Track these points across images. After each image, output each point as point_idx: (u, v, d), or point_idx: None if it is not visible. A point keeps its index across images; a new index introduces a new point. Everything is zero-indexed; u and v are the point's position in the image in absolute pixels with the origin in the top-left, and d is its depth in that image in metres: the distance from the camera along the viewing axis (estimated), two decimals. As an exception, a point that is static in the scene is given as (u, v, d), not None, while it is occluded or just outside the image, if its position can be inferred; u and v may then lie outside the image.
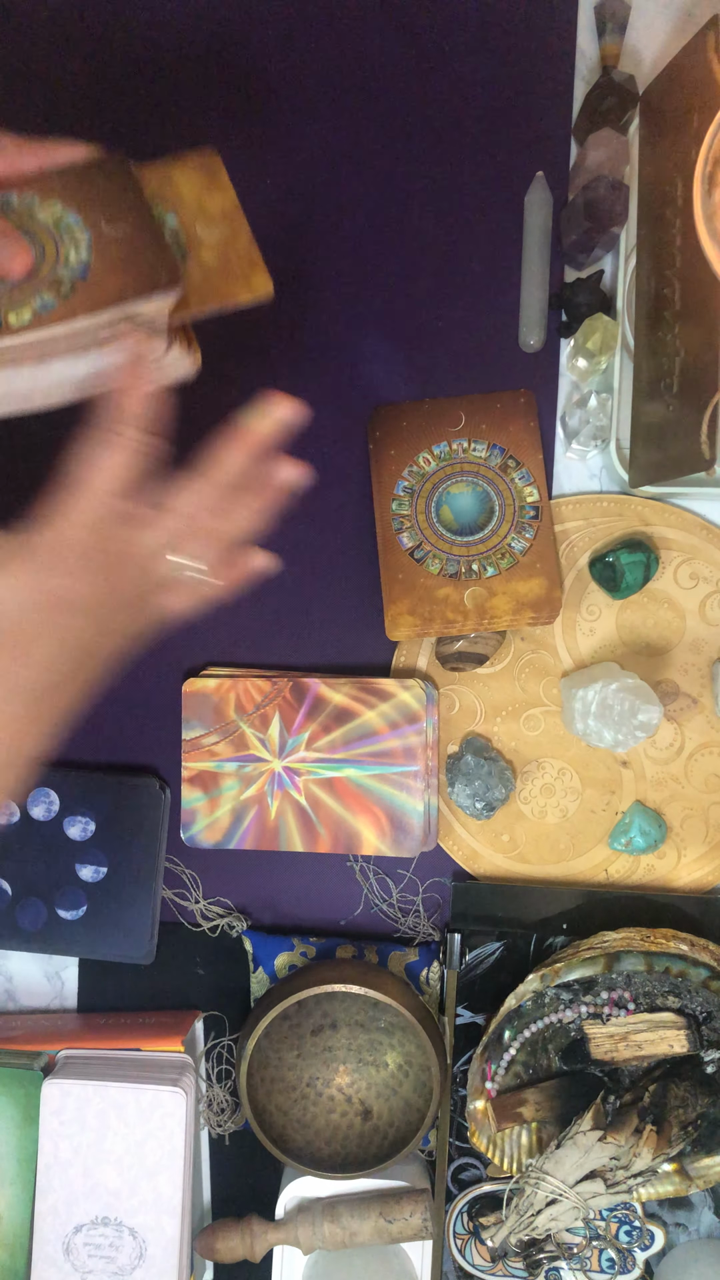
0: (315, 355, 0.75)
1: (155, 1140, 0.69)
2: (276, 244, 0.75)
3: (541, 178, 0.74)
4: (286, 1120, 0.72)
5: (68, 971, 0.77)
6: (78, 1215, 0.69)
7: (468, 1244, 0.72)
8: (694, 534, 0.73)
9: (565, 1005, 0.70)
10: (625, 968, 0.69)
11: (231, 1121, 0.74)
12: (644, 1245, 0.72)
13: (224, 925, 0.75)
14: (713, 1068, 0.69)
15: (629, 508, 0.73)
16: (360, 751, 0.72)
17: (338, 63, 0.74)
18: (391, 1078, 0.73)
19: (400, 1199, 0.70)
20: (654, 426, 0.68)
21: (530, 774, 0.74)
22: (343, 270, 0.75)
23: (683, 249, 0.65)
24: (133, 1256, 0.69)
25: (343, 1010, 0.73)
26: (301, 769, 0.73)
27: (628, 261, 0.72)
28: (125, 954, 0.74)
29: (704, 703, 0.74)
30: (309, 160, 0.75)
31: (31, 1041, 0.72)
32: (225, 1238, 0.70)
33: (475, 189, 0.74)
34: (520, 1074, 0.71)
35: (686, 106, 0.65)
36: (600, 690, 0.69)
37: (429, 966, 0.74)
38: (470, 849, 0.75)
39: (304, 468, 0.55)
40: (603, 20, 0.72)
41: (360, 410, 0.75)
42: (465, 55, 0.74)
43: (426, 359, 0.75)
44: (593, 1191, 0.68)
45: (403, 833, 0.72)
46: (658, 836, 0.73)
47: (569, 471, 0.75)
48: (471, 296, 0.75)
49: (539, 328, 0.74)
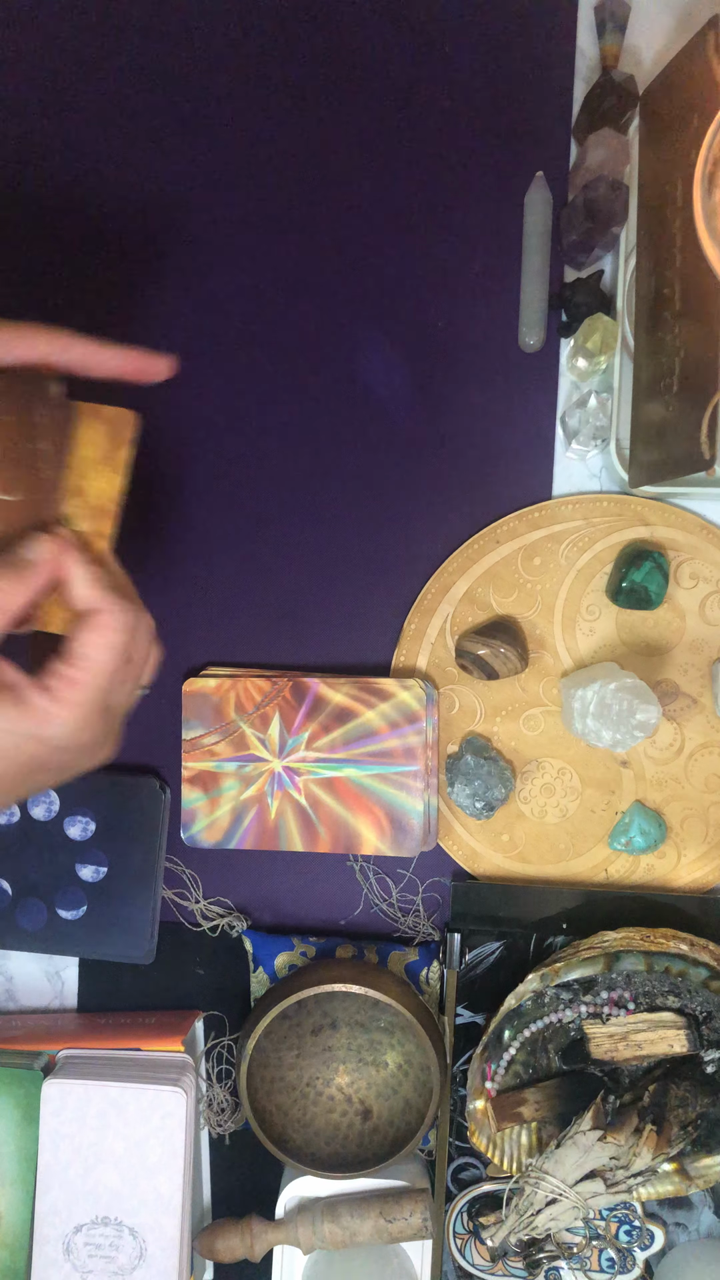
0: (315, 355, 0.75)
1: (155, 1140, 0.69)
2: (275, 243, 0.75)
3: (541, 178, 0.74)
4: (286, 1120, 0.72)
5: (68, 971, 0.77)
6: (78, 1215, 0.69)
7: (468, 1244, 0.72)
8: (694, 534, 0.73)
9: (565, 1005, 0.70)
10: (625, 967, 0.69)
11: (231, 1121, 0.74)
12: (644, 1245, 0.72)
13: (224, 925, 0.75)
14: (713, 1068, 0.69)
15: (629, 508, 0.73)
16: (360, 751, 0.72)
17: (337, 61, 0.74)
18: (391, 1077, 0.73)
19: (400, 1199, 0.70)
20: (654, 426, 0.68)
21: (530, 774, 0.74)
22: (342, 270, 0.75)
23: (683, 249, 0.65)
24: (133, 1256, 0.69)
25: (343, 1010, 0.73)
26: (301, 769, 0.73)
27: (628, 261, 0.72)
28: (125, 954, 0.74)
29: (704, 703, 0.74)
30: (308, 159, 0.75)
31: (31, 1041, 0.72)
32: (225, 1238, 0.70)
33: (475, 189, 0.74)
34: (520, 1074, 0.71)
35: (686, 106, 0.65)
36: (599, 690, 0.69)
37: (429, 966, 0.74)
38: (470, 849, 0.75)
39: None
40: (603, 20, 0.72)
41: (360, 410, 0.75)
42: (465, 55, 0.74)
43: (426, 359, 0.75)
44: (593, 1191, 0.68)
45: (402, 833, 0.72)
46: (658, 836, 0.73)
47: (569, 471, 0.75)
48: (471, 296, 0.75)
49: (539, 328, 0.74)
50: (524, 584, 0.74)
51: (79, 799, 0.74)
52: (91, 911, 0.74)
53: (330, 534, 0.75)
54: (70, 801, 0.74)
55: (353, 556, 0.75)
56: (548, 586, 0.74)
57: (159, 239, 0.75)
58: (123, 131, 0.75)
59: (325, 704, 0.73)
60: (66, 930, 0.74)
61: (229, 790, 0.74)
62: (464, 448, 0.75)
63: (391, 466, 0.75)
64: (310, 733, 0.73)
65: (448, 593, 0.74)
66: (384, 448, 0.75)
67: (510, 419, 0.75)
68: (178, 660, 0.76)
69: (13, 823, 0.75)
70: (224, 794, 0.74)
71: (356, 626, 0.75)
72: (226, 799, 0.74)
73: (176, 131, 0.75)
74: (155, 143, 0.75)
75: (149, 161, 0.75)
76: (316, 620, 0.76)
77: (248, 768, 0.73)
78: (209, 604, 0.76)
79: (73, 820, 0.74)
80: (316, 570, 0.75)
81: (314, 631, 0.76)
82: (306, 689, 0.73)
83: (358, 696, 0.72)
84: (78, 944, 0.75)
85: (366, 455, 0.75)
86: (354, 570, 0.75)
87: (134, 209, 0.75)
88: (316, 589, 0.75)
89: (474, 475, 0.75)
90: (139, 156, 0.75)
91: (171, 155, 0.75)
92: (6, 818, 0.75)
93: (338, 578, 0.75)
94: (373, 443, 0.75)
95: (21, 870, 0.74)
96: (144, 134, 0.75)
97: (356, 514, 0.75)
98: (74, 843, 0.74)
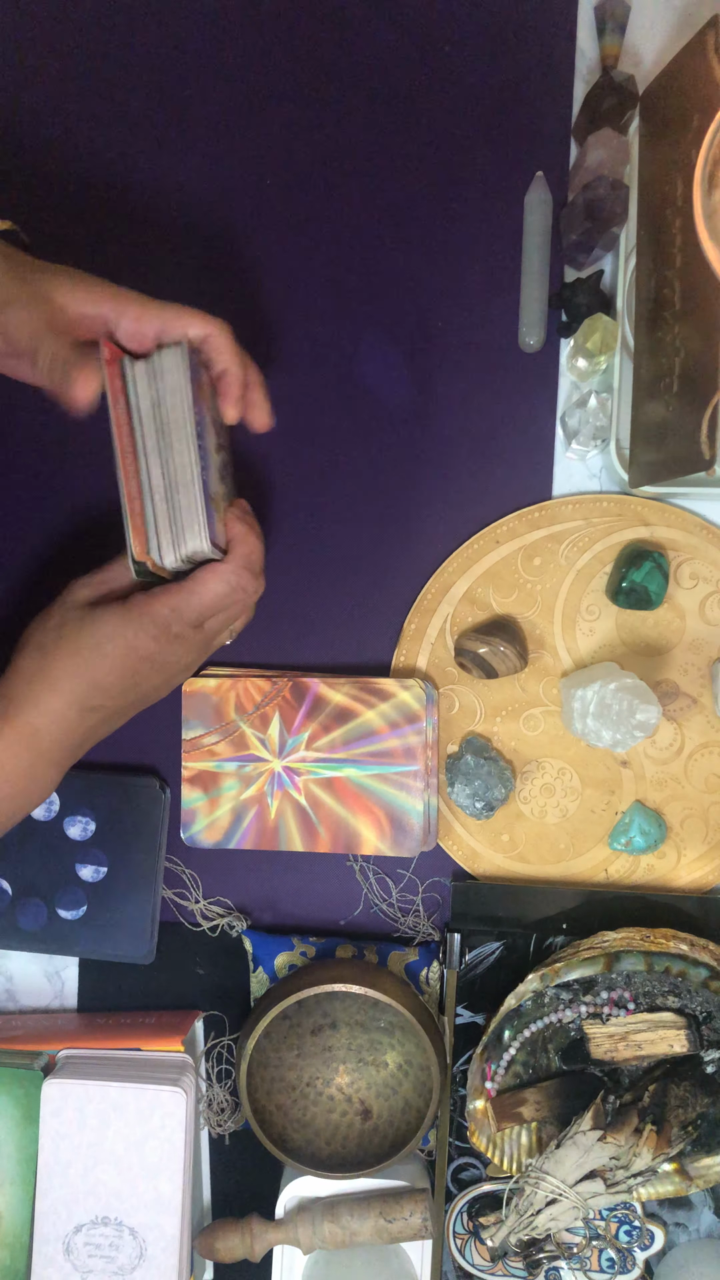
0: (315, 355, 0.75)
1: (155, 1140, 0.69)
2: (275, 243, 0.75)
3: (541, 178, 0.74)
4: (286, 1120, 0.72)
5: (68, 971, 0.77)
6: (78, 1215, 0.69)
7: (468, 1244, 0.72)
8: (694, 534, 0.73)
9: (565, 1005, 0.70)
10: (625, 968, 0.69)
11: (231, 1121, 0.74)
12: (644, 1245, 0.72)
13: (224, 925, 0.75)
14: (713, 1068, 0.69)
15: (629, 508, 0.73)
16: (360, 751, 0.72)
17: (337, 61, 0.74)
18: (391, 1078, 0.73)
19: (400, 1199, 0.70)
20: (654, 426, 0.68)
21: (530, 774, 0.74)
22: (342, 270, 0.75)
23: (683, 249, 0.65)
24: (133, 1256, 0.69)
25: (343, 1010, 0.73)
26: (301, 769, 0.73)
27: (628, 261, 0.72)
28: (125, 954, 0.74)
29: (704, 703, 0.74)
30: (308, 159, 0.75)
31: (31, 1041, 0.72)
32: (225, 1238, 0.70)
33: (475, 189, 0.74)
34: (520, 1074, 0.71)
35: (686, 106, 0.65)
36: (599, 690, 0.69)
37: (429, 966, 0.74)
38: (470, 849, 0.75)
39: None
40: (603, 20, 0.72)
41: (360, 410, 0.75)
42: (465, 55, 0.74)
43: (426, 359, 0.75)
44: (593, 1191, 0.68)
45: (402, 833, 0.72)
46: (658, 836, 0.73)
47: (569, 471, 0.75)
48: (471, 296, 0.75)
49: (539, 328, 0.74)
50: (524, 584, 0.74)
51: (79, 799, 0.74)
52: (91, 911, 0.74)
53: (330, 534, 0.75)
54: (70, 801, 0.74)
55: (353, 556, 0.75)
56: (548, 586, 0.74)
57: (159, 239, 0.75)
58: (123, 132, 0.75)
59: (325, 704, 0.73)
60: (66, 930, 0.74)
61: (229, 790, 0.74)
62: (464, 448, 0.75)
63: (391, 466, 0.75)
64: (310, 733, 0.73)
65: (448, 593, 0.74)
66: (384, 448, 0.75)
67: (510, 419, 0.75)
68: (178, 660, 0.76)
69: (13, 823, 0.75)
70: (224, 794, 0.74)
71: (356, 626, 0.75)
72: (226, 799, 0.74)
73: (176, 132, 0.75)
74: (155, 143, 0.75)
75: (149, 162, 0.75)
76: (316, 620, 0.76)
77: (248, 768, 0.73)
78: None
79: (73, 820, 0.74)
80: (316, 570, 0.75)
81: (314, 631, 0.76)
82: (306, 689, 0.73)
83: (358, 696, 0.72)
84: (78, 944, 0.75)
85: (366, 455, 0.75)
86: (354, 570, 0.75)
87: (134, 209, 0.75)
88: (316, 589, 0.75)
89: (474, 475, 0.75)
90: (138, 156, 0.75)
91: (171, 156, 0.75)
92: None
93: (338, 578, 0.75)
94: (373, 443, 0.75)
95: (21, 870, 0.75)
96: (144, 134, 0.75)
97: (356, 514, 0.75)
98: (74, 843, 0.74)
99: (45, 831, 0.74)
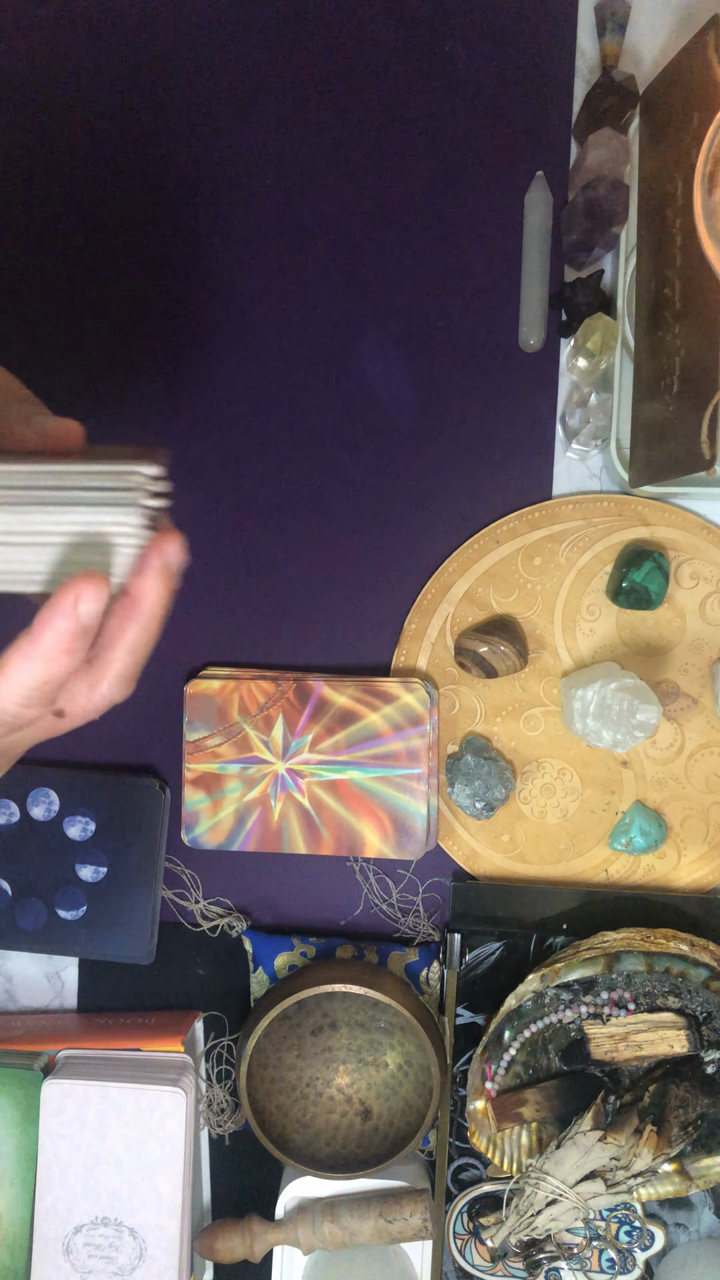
0: (315, 355, 0.75)
1: (155, 1140, 0.69)
2: (274, 243, 0.75)
3: (541, 178, 0.74)
4: (286, 1120, 0.72)
5: (68, 971, 0.77)
6: (78, 1215, 0.69)
7: (468, 1244, 0.72)
8: (694, 534, 0.73)
9: (565, 1005, 0.70)
10: (625, 968, 0.69)
11: (231, 1121, 0.74)
12: (644, 1245, 0.72)
13: (224, 925, 0.75)
14: (713, 1068, 0.69)
15: (629, 508, 0.73)
16: (364, 754, 0.72)
17: (337, 61, 0.74)
18: (391, 1078, 0.73)
19: (400, 1199, 0.70)
20: (654, 426, 0.68)
21: (530, 774, 0.74)
22: (342, 270, 0.75)
23: (683, 249, 0.65)
24: (133, 1256, 0.69)
25: (343, 1010, 0.73)
26: (305, 771, 0.73)
27: (628, 261, 0.72)
28: (125, 954, 0.74)
29: (704, 703, 0.74)
30: (308, 159, 0.75)
31: (31, 1041, 0.72)
32: (225, 1238, 0.70)
33: (475, 189, 0.74)
34: (520, 1074, 0.71)
35: (686, 106, 0.65)
36: (599, 690, 0.69)
37: (429, 966, 0.74)
38: (470, 849, 0.75)
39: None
40: (603, 20, 0.72)
41: (360, 410, 0.75)
42: (465, 55, 0.74)
43: (426, 359, 0.75)
44: (593, 1191, 0.68)
45: (406, 835, 0.72)
46: (658, 836, 0.73)
47: (569, 471, 0.75)
48: (471, 296, 0.75)
49: (539, 327, 0.73)
50: (524, 584, 0.74)
51: (79, 799, 0.74)
52: (91, 911, 0.74)
53: (330, 534, 0.75)
54: (70, 801, 0.74)
55: (353, 556, 0.75)
56: (548, 586, 0.74)
57: (158, 240, 0.75)
58: (123, 131, 0.75)
59: (329, 706, 0.72)
60: (66, 930, 0.74)
61: (232, 792, 0.74)
62: (464, 448, 0.75)
63: (391, 466, 0.75)
64: (314, 735, 0.73)
65: (448, 593, 0.74)
66: (384, 447, 0.75)
67: (510, 419, 0.75)
68: (178, 660, 0.76)
69: (13, 823, 0.75)
70: (227, 796, 0.74)
71: (356, 626, 0.75)
72: (230, 801, 0.74)
73: (176, 132, 0.75)
74: (155, 143, 0.75)
75: (149, 162, 0.75)
76: (316, 620, 0.76)
77: (251, 770, 0.73)
78: (208, 603, 0.76)
79: (73, 820, 0.74)
80: (317, 570, 0.75)
81: (314, 631, 0.76)
82: (310, 691, 0.73)
83: (361, 699, 0.72)
84: (78, 944, 0.75)
85: (366, 455, 0.75)
86: (354, 570, 0.75)
87: (134, 209, 0.75)
88: (317, 589, 0.75)
89: (474, 475, 0.75)
90: (139, 157, 0.75)
91: (172, 156, 0.75)
92: (6, 818, 0.75)
93: (338, 578, 0.75)
94: (373, 443, 0.75)
95: (21, 870, 0.75)
96: (144, 134, 0.75)
97: (357, 514, 0.75)
98: (74, 843, 0.74)
99: (45, 832, 0.74)
